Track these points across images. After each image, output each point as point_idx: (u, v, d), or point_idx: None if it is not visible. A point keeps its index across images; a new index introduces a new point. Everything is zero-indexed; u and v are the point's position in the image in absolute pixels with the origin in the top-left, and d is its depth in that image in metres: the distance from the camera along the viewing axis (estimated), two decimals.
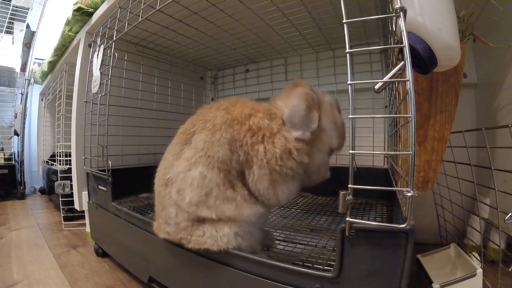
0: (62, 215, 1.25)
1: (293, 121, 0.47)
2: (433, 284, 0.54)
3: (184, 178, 0.47)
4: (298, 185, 0.51)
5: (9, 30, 2.09)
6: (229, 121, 0.48)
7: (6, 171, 1.87)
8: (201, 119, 0.51)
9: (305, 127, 0.47)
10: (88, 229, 1.00)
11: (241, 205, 0.48)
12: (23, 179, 1.98)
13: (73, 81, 1.01)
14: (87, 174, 0.92)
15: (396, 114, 0.55)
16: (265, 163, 0.46)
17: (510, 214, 0.56)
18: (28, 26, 2.09)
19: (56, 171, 1.29)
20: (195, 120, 0.52)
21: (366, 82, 0.79)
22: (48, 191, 1.80)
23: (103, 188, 0.83)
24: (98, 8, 0.91)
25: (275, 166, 0.46)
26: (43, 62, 1.73)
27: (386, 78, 0.38)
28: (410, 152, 0.31)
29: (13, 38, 2.10)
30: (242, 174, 0.49)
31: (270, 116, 0.49)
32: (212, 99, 1.43)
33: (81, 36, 1.03)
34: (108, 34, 0.83)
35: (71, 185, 1.15)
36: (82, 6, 0.94)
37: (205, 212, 0.47)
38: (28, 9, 2.08)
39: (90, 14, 0.96)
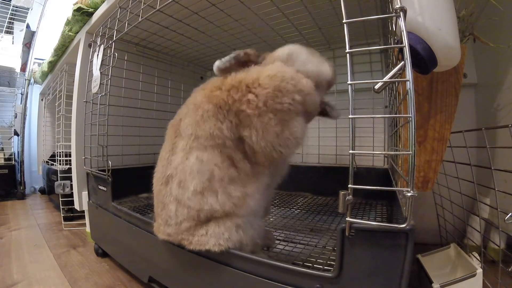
0: (62, 215, 1.25)
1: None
2: (433, 284, 0.54)
3: (183, 169, 0.47)
4: (304, 122, 0.49)
5: (9, 30, 2.09)
6: (207, 93, 0.48)
7: (6, 171, 1.87)
8: (184, 106, 0.52)
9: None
10: (88, 229, 1.00)
11: (245, 182, 0.47)
12: (23, 179, 1.98)
13: (73, 81, 1.01)
14: (87, 174, 0.92)
15: (396, 114, 0.55)
16: (263, 108, 0.44)
17: (510, 214, 0.56)
18: (28, 26, 2.09)
19: (56, 171, 1.29)
20: (179, 110, 0.54)
21: (366, 82, 0.79)
22: (48, 191, 1.80)
23: (103, 188, 0.83)
24: (98, 8, 0.91)
25: (276, 104, 0.44)
26: (43, 62, 1.73)
27: (386, 78, 0.38)
28: (410, 152, 0.31)
29: (13, 38, 2.10)
30: (239, 141, 0.47)
31: (244, 70, 0.48)
32: None
33: (81, 36, 1.03)
34: (108, 34, 0.83)
35: (71, 185, 1.15)
36: (82, 6, 0.94)
37: (210, 199, 0.46)
38: (28, 9, 2.08)
39: (90, 14, 0.96)
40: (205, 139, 0.46)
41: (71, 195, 1.09)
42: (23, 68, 2.05)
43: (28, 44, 2.07)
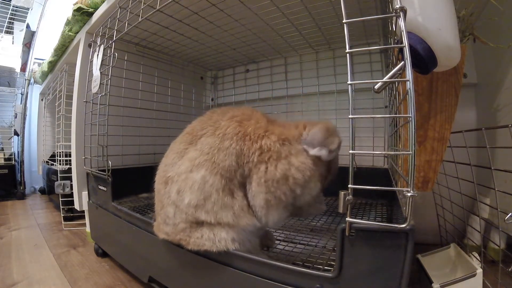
0: (62, 215, 1.25)
1: (313, 142, 0.48)
2: (433, 284, 0.54)
3: (185, 180, 0.47)
4: (287, 214, 0.51)
5: (9, 30, 2.09)
6: (241, 134, 0.48)
7: (6, 171, 1.87)
8: (211, 125, 0.51)
9: (323, 146, 0.48)
10: (88, 229, 1.00)
11: (239, 214, 0.48)
12: (23, 179, 1.98)
13: (73, 81, 1.00)
14: (87, 174, 0.92)
15: (396, 114, 0.55)
16: (263, 182, 0.47)
17: (510, 214, 0.56)
18: (28, 26, 2.09)
19: (56, 171, 1.29)
20: (204, 124, 0.52)
21: (366, 82, 0.79)
22: (48, 191, 1.80)
23: (103, 188, 0.83)
24: (98, 8, 0.91)
25: (271, 187, 0.47)
26: (43, 62, 1.73)
27: (386, 78, 0.38)
28: (410, 152, 0.31)
29: (13, 38, 2.10)
30: (244, 187, 0.49)
31: (283, 141, 0.49)
32: (212, 99, 1.43)
33: (81, 36, 1.03)
34: (108, 34, 0.83)
35: (71, 185, 1.15)
36: (82, 6, 0.94)
37: (204, 215, 0.47)
38: (28, 9, 2.08)
39: (90, 14, 0.96)
40: (220, 167, 0.47)
41: (71, 195, 1.09)
42: (23, 68, 2.05)
43: (28, 44, 2.07)
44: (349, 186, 0.35)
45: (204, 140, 0.49)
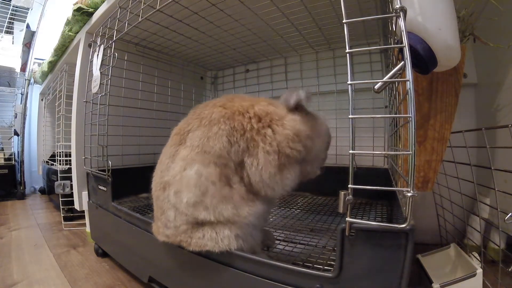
0: (62, 215, 1.25)
1: (287, 98, 0.50)
2: (433, 284, 0.54)
3: (181, 179, 0.47)
4: (298, 173, 0.51)
5: (9, 30, 2.09)
6: (229, 114, 0.48)
7: (6, 171, 1.87)
8: (195, 117, 0.51)
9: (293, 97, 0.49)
10: (88, 229, 1.00)
11: (239, 204, 0.47)
12: (23, 179, 1.98)
13: (73, 81, 1.01)
14: (87, 174, 0.92)
15: (396, 114, 0.55)
16: (275, 147, 0.46)
17: (510, 214, 0.56)
18: (28, 26, 2.09)
19: (56, 171, 1.29)
20: (189, 120, 0.52)
21: (366, 82, 0.79)
22: (48, 191, 1.80)
23: (103, 188, 0.83)
24: (98, 8, 0.91)
25: (286, 148, 0.46)
26: (43, 62, 1.73)
27: (386, 78, 0.38)
28: (410, 152, 0.31)
29: (13, 38, 2.10)
30: (240, 166, 0.48)
31: (273, 104, 0.50)
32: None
33: (81, 36, 1.03)
34: (108, 34, 0.83)
35: (71, 185, 1.15)
36: (82, 6, 0.94)
37: (203, 213, 0.46)
38: (28, 9, 2.08)
39: (90, 14, 0.96)
40: (211, 155, 0.46)
41: (71, 195, 1.09)
42: (23, 68, 2.05)
43: (28, 44, 2.07)
44: (349, 186, 0.35)
45: (192, 135, 0.49)
